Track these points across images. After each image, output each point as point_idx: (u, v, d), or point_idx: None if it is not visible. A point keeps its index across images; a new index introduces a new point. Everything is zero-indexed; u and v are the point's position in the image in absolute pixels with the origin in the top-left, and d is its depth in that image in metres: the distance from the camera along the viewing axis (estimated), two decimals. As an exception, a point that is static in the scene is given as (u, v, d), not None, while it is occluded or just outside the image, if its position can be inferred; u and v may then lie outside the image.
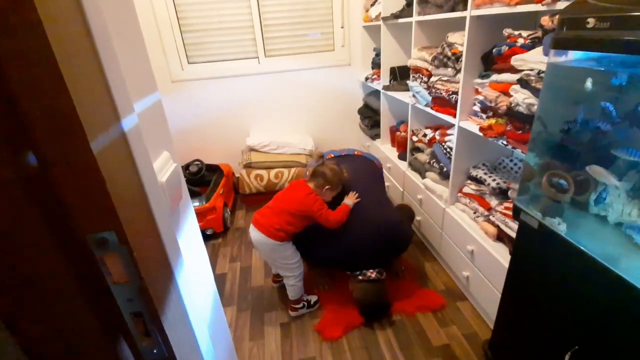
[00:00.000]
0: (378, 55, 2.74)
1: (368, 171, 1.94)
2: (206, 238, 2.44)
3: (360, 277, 1.66)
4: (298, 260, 1.69)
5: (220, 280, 2.04)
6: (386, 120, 2.72)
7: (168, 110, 0.65)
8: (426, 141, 2.10)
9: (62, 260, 0.38)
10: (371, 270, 1.66)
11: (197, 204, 2.35)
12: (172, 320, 0.48)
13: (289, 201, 1.63)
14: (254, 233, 1.63)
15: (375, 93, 2.81)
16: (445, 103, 1.77)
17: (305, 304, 1.75)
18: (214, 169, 2.82)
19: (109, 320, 0.42)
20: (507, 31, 1.38)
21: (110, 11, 0.47)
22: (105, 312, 0.41)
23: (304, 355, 1.54)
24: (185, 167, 2.71)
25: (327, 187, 1.65)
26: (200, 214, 2.32)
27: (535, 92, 1.18)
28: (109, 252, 0.39)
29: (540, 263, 1.09)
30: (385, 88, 2.50)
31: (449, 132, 1.90)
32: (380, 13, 2.39)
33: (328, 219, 1.60)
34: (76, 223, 0.37)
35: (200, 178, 2.67)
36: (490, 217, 1.59)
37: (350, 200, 1.70)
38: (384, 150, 2.68)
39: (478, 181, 1.69)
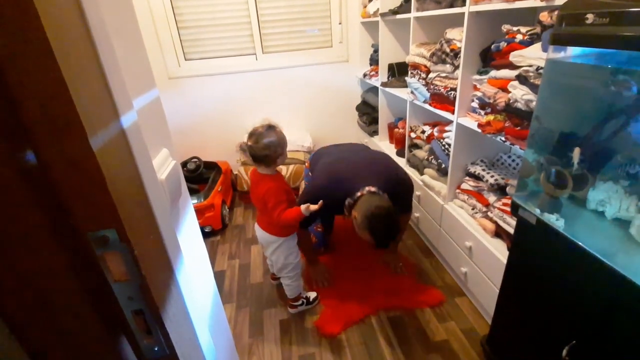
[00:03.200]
0: (376, 51, 2.73)
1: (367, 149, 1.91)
2: (205, 235, 2.44)
3: (358, 194, 1.50)
4: (298, 262, 1.69)
5: (219, 277, 2.04)
6: (384, 117, 2.72)
7: (165, 107, 0.65)
8: (424, 138, 2.10)
9: (63, 259, 0.37)
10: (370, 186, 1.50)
11: (195, 201, 2.34)
12: (173, 318, 0.48)
13: (257, 200, 1.56)
14: (259, 232, 1.64)
15: (374, 89, 2.80)
16: (443, 99, 1.77)
17: (304, 300, 1.75)
18: (212, 166, 2.81)
19: (110, 319, 0.42)
20: (505, 27, 1.37)
21: (108, 7, 0.46)
22: (106, 311, 0.41)
23: (303, 351, 1.54)
24: (183, 165, 2.70)
25: (278, 159, 1.48)
26: (198, 212, 2.31)
27: (533, 88, 1.18)
28: (109, 250, 0.39)
29: (538, 259, 1.10)
30: (384, 84, 2.50)
31: (447, 128, 1.90)
32: (378, 9, 2.38)
33: (280, 216, 1.48)
34: (76, 221, 0.37)
35: (198, 175, 2.67)
36: (489, 213, 1.59)
37: (304, 207, 1.47)
38: (382, 147, 2.68)
39: (476, 177, 1.69)
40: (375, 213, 1.43)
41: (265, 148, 1.43)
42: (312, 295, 1.79)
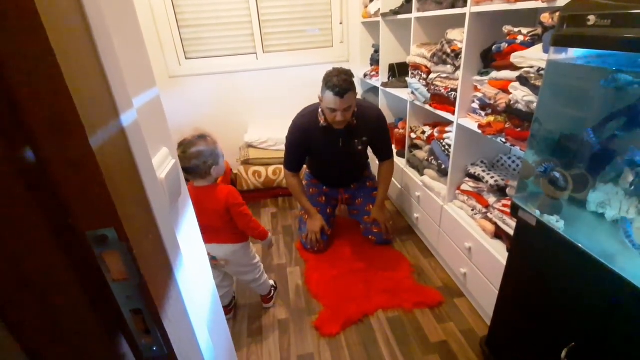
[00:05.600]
0: (377, 51, 2.73)
1: None
2: (204, 234, 2.43)
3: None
4: (258, 260, 1.68)
5: (218, 276, 2.04)
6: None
7: (165, 106, 0.65)
8: (425, 138, 2.10)
9: (61, 258, 0.37)
10: None
11: (194, 200, 2.34)
12: (171, 318, 0.48)
13: (211, 213, 1.43)
14: (218, 249, 1.51)
15: (374, 90, 2.80)
16: (444, 100, 1.77)
17: (273, 289, 1.82)
18: (212, 166, 2.80)
19: (108, 318, 0.42)
20: (506, 28, 1.37)
21: (108, 5, 0.46)
22: (105, 310, 0.41)
23: (302, 351, 1.54)
24: (183, 164, 2.69)
25: (211, 170, 1.40)
26: (198, 211, 2.30)
27: (534, 89, 1.18)
28: (108, 250, 0.38)
29: (538, 260, 1.10)
30: (384, 85, 2.49)
31: (447, 129, 1.90)
32: (379, 9, 2.38)
33: (251, 219, 1.49)
34: (75, 220, 0.36)
35: (198, 174, 2.66)
36: (488, 214, 1.59)
37: (269, 238, 1.62)
38: (383, 147, 2.68)
39: (476, 178, 1.69)
40: (329, 70, 1.77)
41: (194, 157, 1.33)
42: (273, 281, 1.86)
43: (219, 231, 1.48)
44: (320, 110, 1.89)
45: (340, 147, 1.96)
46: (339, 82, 1.69)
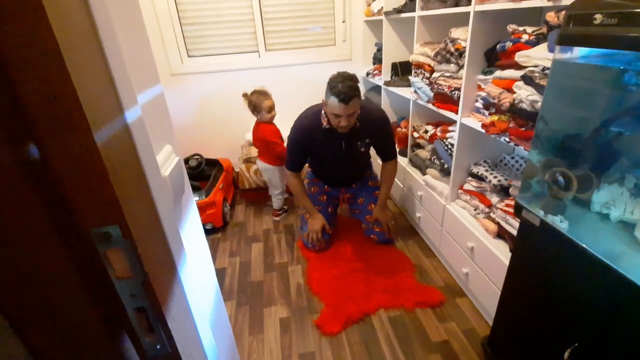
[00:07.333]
0: (379, 50, 2.72)
1: None
2: (205, 233, 2.43)
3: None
4: (283, 186, 2.47)
5: (219, 275, 2.04)
6: (387, 116, 2.70)
7: (167, 103, 0.64)
8: (427, 137, 2.09)
9: (65, 255, 0.37)
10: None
11: (196, 198, 2.34)
12: (175, 316, 0.47)
13: (258, 141, 2.37)
14: (261, 164, 2.42)
15: (376, 89, 2.79)
16: (447, 99, 1.76)
17: (283, 211, 2.56)
18: (214, 164, 2.80)
19: (112, 316, 0.42)
20: (511, 27, 1.36)
21: (113, 2, 0.46)
22: (109, 308, 0.41)
23: (303, 350, 1.54)
24: (185, 162, 2.70)
25: (254, 113, 2.32)
26: (200, 209, 2.31)
27: (539, 88, 1.17)
28: (112, 247, 0.38)
29: (541, 260, 1.09)
30: (387, 84, 2.49)
31: (450, 128, 1.89)
32: (382, 7, 2.37)
33: (282, 150, 2.24)
34: (79, 217, 0.36)
35: (200, 172, 2.66)
36: (491, 214, 1.59)
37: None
38: (385, 146, 2.67)
39: (479, 178, 1.69)
40: (334, 75, 1.75)
41: (247, 103, 2.31)
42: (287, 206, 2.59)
43: (262, 153, 2.41)
44: (323, 112, 1.88)
45: (342, 149, 1.96)
46: (344, 88, 1.66)
